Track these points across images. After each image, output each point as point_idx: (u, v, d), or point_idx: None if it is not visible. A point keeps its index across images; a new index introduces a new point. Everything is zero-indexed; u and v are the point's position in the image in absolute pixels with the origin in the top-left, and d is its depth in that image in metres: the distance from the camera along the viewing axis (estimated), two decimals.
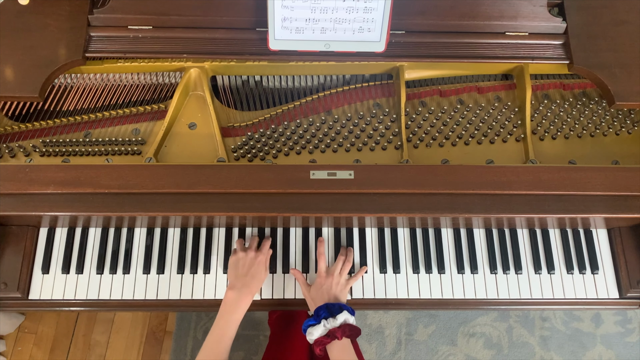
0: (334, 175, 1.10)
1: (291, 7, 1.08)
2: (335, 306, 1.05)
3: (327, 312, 1.04)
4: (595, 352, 2.02)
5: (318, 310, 1.05)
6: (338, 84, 1.31)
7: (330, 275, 1.13)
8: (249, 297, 1.09)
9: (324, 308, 1.05)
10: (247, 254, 1.13)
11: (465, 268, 1.21)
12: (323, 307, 1.05)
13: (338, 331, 1.01)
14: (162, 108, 1.23)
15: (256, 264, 1.12)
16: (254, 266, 1.11)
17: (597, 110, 1.28)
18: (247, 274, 1.10)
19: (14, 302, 1.17)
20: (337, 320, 1.02)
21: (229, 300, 1.07)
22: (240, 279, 1.10)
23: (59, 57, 1.13)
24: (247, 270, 1.11)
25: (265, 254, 1.15)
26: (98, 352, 1.98)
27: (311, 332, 1.03)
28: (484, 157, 1.21)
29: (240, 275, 1.10)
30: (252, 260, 1.12)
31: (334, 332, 1.01)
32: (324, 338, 1.01)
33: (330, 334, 1.01)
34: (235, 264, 1.13)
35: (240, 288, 1.09)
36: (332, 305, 1.05)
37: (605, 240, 1.25)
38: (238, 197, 1.09)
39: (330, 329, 1.01)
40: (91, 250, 1.21)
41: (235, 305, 1.07)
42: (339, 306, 1.05)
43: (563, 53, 1.20)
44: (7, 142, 1.20)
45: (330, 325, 1.02)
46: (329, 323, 1.02)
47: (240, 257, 1.13)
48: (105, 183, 1.07)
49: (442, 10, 1.17)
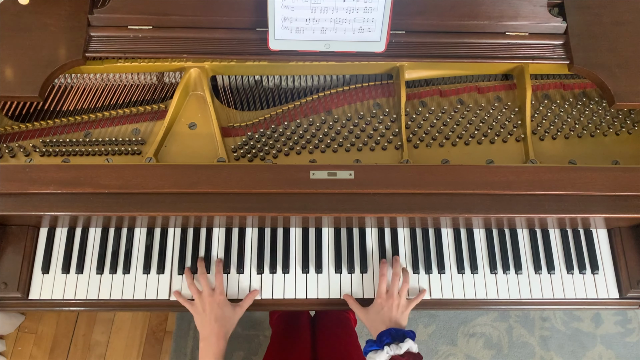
0: (334, 175, 1.10)
1: (291, 7, 1.08)
2: (399, 332, 1.03)
3: (390, 338, 1.02)
4: (595, 352, 2.02)
5: (381, 335, 1.03)
6: (338, 84, 1.31)
7: (391, 297, 1.10)
8: (220, 340, 1.07)
9: (387, 334, 1.03)
10: (204, 299, 1.11)
11: (465, 268, 1.21)
12: (386, 333, 1.03)
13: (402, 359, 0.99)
14: (162, 108, 1.23)
15: (215, 306, 1.10)
16: (213, 310, 1.09)
17: (597, 110, 1.28)
18: (211, 321, 1.09)
19: (14, 302, 1.17)
20: (402, 348, 1.00)
21: (202, 352, 1.07)
22: (206, 327, 1.09)
23: (59, 57, 1.13)
24: (209, 317, 1.09)
25: (223, 293, 1.13)
26: (98, 352, 1.98)
27: (373, 357, 1.01)
28: (484, 157, 1.21)
29: (205, 324, 1.09)
30: (211, 305, 1.10)
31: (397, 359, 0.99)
32: None
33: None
34: (197, 316, 1.11)
35: (208, 336, 1.07)
36: (395, 332, 1.03)
37: (605, 240, 1.25)
38: (238, 197, 1.09)
39: (393, 356, 0.99)
40: (91, 250, 1.21)
41: (208, 355, 1.06)
42: (403, 333, 1.03)
43: (563, 53, 1.20)
44: (7, 142, 1.20)
45: (393, 352, 0.99)
46: (392, 350, 1.00)
47: (198, 309, 1.11)
48: (105, 183, 1.07)
49: (442, 10, 1.17)
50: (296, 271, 1.21)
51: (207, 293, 1.12)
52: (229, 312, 1.11)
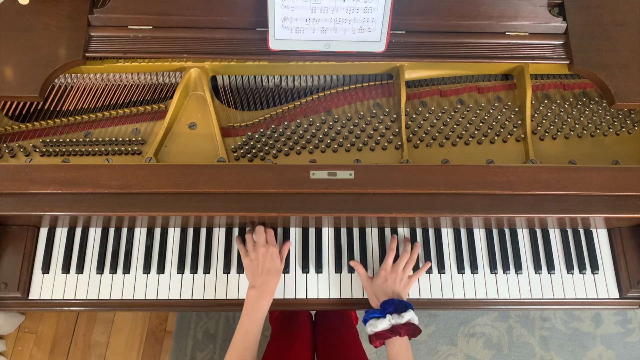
0: (334, 175, 1.10)
1: (291, 7, 1.08)
2: (402, 303, 1.06)
3: (393, 307, 1.05)
4: (595, 352, 2.02)
5: (385, 304, 1.06)
6: (338, 84, 1.31)
7: (395, 271, 1.13)
8: (270, 294, 1.10)
9: (391, 303, 1.06)
10: (259, 251, 1.13)
11: (465, 268, 1.21)
12: (390, 302, 1.06)
13: (402, 328, 1.02)
14: (162, 108, 1.23)
15: (269, 258, 1.12)
16: (267, 261, 1.12)
17: (597, 110, 1.28)
18: (264, 271, 1.11)
19: (14, 302, 1.16)
20: (404, 317, 1.03)
21: (251, 299, 1.08)
22: (257, 278, 1.10)
23: (59, 57, 1.13)
24: (262, 268, 1.11)
25: (276, 245, 1.15)
26: (98, 352, 1.98)
27: (374, 324, 1.04)
28: (484, 157, 1.21)
29: (257, 274, 1.11)
30: (264, 256, 1.12)
31: (398, 328, 1.02)
32: (387, 332, 1.02)
33: (394, 329, 1.02)
34: (249, 265, 1.13)
35: (260, 286, 1.09)
36: (398, 302, 1.06)
37: (605, 240, 1.25)
38: (238, 197, 1.09)
39: (394, 325, 1.02)
40: (91, 250, 1.21)
41: (257, 303, 1.08)
42: (405, 304, 1.06)
43: (563, 53, 1.20)
44: (7, 142, 1.20)
45: (395, 321, 1.03)
46: (394, 319, 1.03)
47: (252, 257, 1.13)
48: (105, 183, 1.07)
49: (442, 10, 1.17)
50: (296, 271, 1.21)
51: (262, 243, 1.14)
52: (279, 265, 1.14)
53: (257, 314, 1.07)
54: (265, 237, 1.15)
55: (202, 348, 1.97)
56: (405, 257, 1.16)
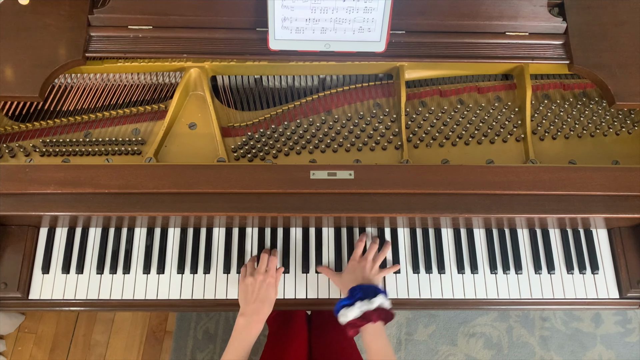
0: (334, 175, 1.10)
1: (291, 7, 1.08)
2: (371, 288, 1.02)
3: (362, 293, 1.01)
4: (595, 352, 2.02)
5: (353, 290, 1.02)
6: (338, 84, 1.31)
7: (364, 259, 1.12)
8: (259, 323, 1.07)
9: (359, 289, 1.02)
10: (256, 279, 1.11)
11: (465, 268, 1.21)
12: (357, 288, 1.02)
13: (373, 314, 0.98)
14: (162, 108, 1.23)
15: (265, 287, 1.10)
16: (262, 290, 1.09)
17: (597, 110, 1.28)
18: (257, 300, 1.08)
19: (14, 302, 1.17)
20: (373, 303, 0.99)
21: (239, 327, 1.06)
22: (250, 306, 1.08)
23: (59, 57, 1.13)
24: (256, 296, 1.09)
25: (274, 276, 1.13)
26: (98, 352, 1.98)
27: (345, 313, 1.00)
28: (484, 157, 1.21)
29: (250, 301, 1.09)
30: (261, 284, 1.10)
31: (369, 315, 0.98)
32: (358, 321, 0.99)
33: (365, 316, 0.98)
34: (244, 290, 1.11)
35: (251, 315, 1.07)
36: (367, 287, 1.02)
37: (605, 240, 1.25)
38: (238, 197, 1.09)
39: (365, 311, 0.98)
40: (91, 250, 1.21)
41: (245, 332, 1.06)
42: (374, 289, 1.03)
43: (563, 53, 1.20)
44: (7, 142, 1.20)
45: (365, 307, 0.99)
46: (364, 305, 0.99)
47: (249, 282, 1.11)
48: (105, 183, 1.07)
49: (442, 10, 1.17)
50: (296, 271, 1.21)
51: (262, 271, 1.12)
52: (272, 296, 1.11)
53: (244, 343, 1.05)
54: (266, 265, 1.14)
55: (202, 348, 1.97)
56: (374, 248, 1.16)
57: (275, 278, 1.13)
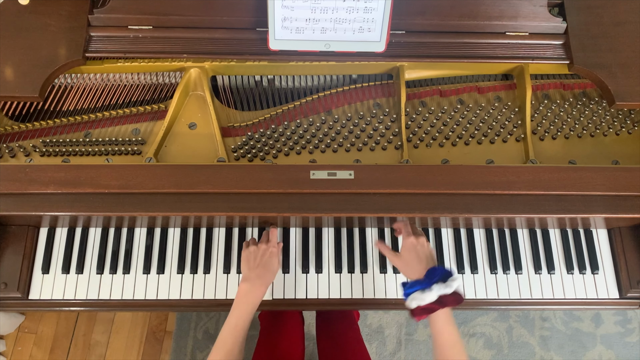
0: (334, 175, 1.10)
1: (291, 7, 1.08)
2: (447, 272, 0.97)
3: (439, 276, 0.95)
4: (595, 352, 2.02)
5: (432, 272, 0.97)
6: (338, 84, 1.31)
7: (421, 236, 1.06)
8: (262, 288, 1.08)
9: (438, 272, 0.96)
10: (259, 247, 1.12)
11: (465, 268, 1.21)
12: (436, 270, 0.97)
13: (450, 298, 0.93)
14: (162, 108, 1.23)
15: (268, 255, 1.11)
16: (265, 256, 1.11)
17: (597, 110, 1.28)
18: (259, 265, 1.09)
19: (14, 302, 1.17)
20: (451, 286, 0.93)
21: (242, 292, 1.06)
22: (253, 271, 1.09)
23: (59, 57, 1.13)
24: (259, 262, 1.10)
25: (276, 246, 1.14)
26: (98, 352, 1.98)
27: (420, 297, 0.94)
28: (484, 157, 1.21)
29: (253, 267, 1.10)
30: (263, 252, 1.11)
31: (446, 299, 0.93)
32: (434, 305, 0.93)
33: (442, 300, 0.93)
34: (247, 256, 1.12)
35: (254, 279, 1.08)
36: (443, 270, 0.97)
37: (605, 240, 1.25)
38: (238, 197, 1.09)
39: (442, 295, 0.93)
40: (91, 250, 1.21)
41: (248, 297, 1.06)
42: (450, 272, 0.97)
43: (563, 53, 1.20)
44: (7, 142, 1.20)
45: (442, 291, 0.93)
46: (442, 289, 0.93)
47: (251, 250, 1.12)
48: (105, 183, 1.07)
49: (442, 10, 1.17)
50: (296, 271, 1.21)
51: (264, 240, 1.14)
52: (276, 265, 1.12)
53: (247, 307, 1.04)
54: (267, 236, 1.15)
55: (202, 348, 1.97)
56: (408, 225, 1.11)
57: (278, 249, 1.14)
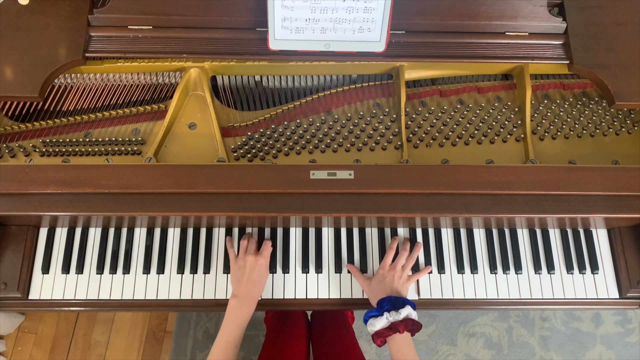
0: (334, 175, 1.10)
1: (291, 7, 1.08)
2: (399, 300, 1.06)
3: (390, 305, 1.04)
4: (595, 352, 2.02)
5: (381, 302, 1.06)
6: (338, 84, 1.31)
7: (393, 269, 1.13)
8: (252, 304, 1.10)
9: (387, 301, 1.05)
10: (247, 260, 1.12)
11: (465, 268, 1.21)
12: (386, 300, 1.06)
13: (400, 325, 1.01)
14: (162, 108, 1.23)
15: (257, 269, 1.12)
16: (254, 271, 1.11)
17: (597, 110, 1.28)
18: (249, 281, 1.10)
19: (14, 302, 1.17)
20: (401, 314, 1.02)
21: (233, 308, 1.08)
22: (242, 287, 1.10)
23: (59, 57, 1.13)
24: (247, 277, 1.11)
25: (266, 257, 1.15)
26: (98, 352, 1.98)
27: (373, 323, 1.04)
28: (484, 157, 1.21)
29: (242, 282, 1.10)
30: (252, 266, 1.12)
31: (396, 325, 1.02)
32: (386, 330, 1.02)
33: (393, 326, 1.02)
34: (236, 271, 1.13)
35: (243, 296, 1.09)
36: (395, 299, 1.06)
37: (605, 240, 1.25)
38: (238, 197, 1.09)
39: (392, 322, 1.02)
40: (91, 250, 1.21)
41: (238, 313, 1.08)
42: (402, 300, 1.06)
43: (563, 53, 1.20)
44: (7, 142, 1.20)
45: (392, 318, 1.02)
46: (392, 316, 1.03)
47: (241, 265, 1.12)
48: (105, 183, 1.07)
49: (442, 10, 1.17)
50: (296, 271, 1.21)
51: (252, 252, 1.14)
52: (264, 280, 1.13)
53: (237, 323, 1.07)
54: (256, 246, 1.16)
55: (202, 348, 1.97)
56: (404, 255, 1.16)
57: (266, 259, 1.15)
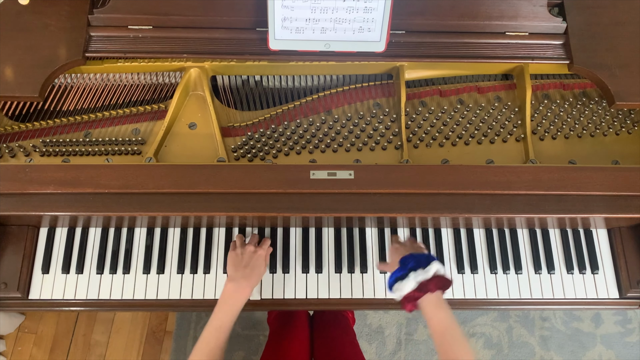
0: (334, 175, 1.10)
1: (291, 7, 1.08)
2: (423, 256, 0.96)
3: (414, 262, 0.94)
4: (595, 352, 2.02)
5: (404, 260, 0.95)
6: (338, 84, 1.31)
7: (408, 240, 1.10)
8: (248, 289, 1.07)
9: (410, 258, 0.95)
10: (246, 248, 1.12)
11: (465, 268, 1.21)
12: (409, 257, 0.96)
13: (431, 283, 0.91)
14: (162, 108, 1.23)
15: (255, 257, 1.11)
16: (253, 259, 1.11)
17: (597, 110, 1.28)
18: (247, 266, 1.09)
19: (14, 302, 1.17)
20: (429, 271, 0.92)
21: (228, 292, 1.06)
22: (239, 271, 1.09)
23: (59, 57, 1.13)
24: (246, 262, 1.10)
25: (265, 250, 1.14)
26: (98, 352, 1.98)
27: (399, 287, 0.93)
28: (484, 157, 1.21)
29: (240, 267, 1.09)
30: (251, 254, 1.11)
31: (426, 284, 0.91)
32: (415, 292, 0.92)
33: (422, 287, 0.91)
34: (234, 257, 1.12)
35: (239, 280, 1.07)
36: (419, 256, 0.96)
37: (605, 240, 1.25)
38: (238, 197, 1.09)
39: (421, 282, 0.92)
40: (91, 250, 1.21)
41: (233, 297, 1.05)
42: (427, 256, 0.96)
43: (563, 53, 1.20)
44: (7, 142, 1.20)
45: (421, 277, 0.92)
46: (419, 275, 0.92)
47: (239, 252, 1.12)
48: (105, 183, 1.07)
49: (442, 10, 1.17)
50: (296, 271, 1.21)
51: (252, 244, 1.14)
52: (262, 267, 1.11)
53: (232, 308, 1.03)
54: (256, 241, 1.15)
55: None
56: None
57: (266, 252, 1.14)
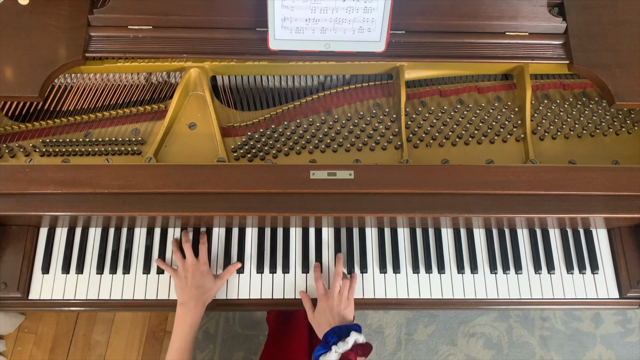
0: (334, 175, 1.10)
1: (291, 7, 1.08)
2: (343, 329, 1.04)
3: (335, 337, 1.03)
4: (595, 352, 2.02)
5: (326, 336, 1.04)
6: (338, 84, 1.31)
7: (331, 297, 1.11)
8: (199, 307, 1.10)
9: (331, 333, 1.04)
10: (186, 269, 1.13)
11: (465, 268, 1.21)
12: (330, 333, 1.04)
13: (351, 354, 1.00)
14: (162, 108, 1.23)
15: (199, 274, 1.12)
16: (196, 276, 1.12)
17: (597, 110, 1.28)
18: (192, 286, 1.11)
19: (14, 302, 1.17)
20: (348, 343, 1.01)
21: (179, 317, 1.09)
22: (186, 293, 1.11)
23: (59, 57, 1.13)
24: (190, 283, 1.12)
25: (205, 262, 1.15)
26: (98, 352, 1.98)
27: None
28: (484, 157, 1.21)
29: (186, 289, 1.11)
30: (193, 273, 1.12)
31: (347, 355, 1.00)
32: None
33: (344, 358, 1.00)
34: (178, 282, 1.14)
35: (187, 302, 1.10)
36: (339, 329, 1.04)
37: (605, 240, 1.25)
38: (238, 197, 1.09)
39: (342, 353, 1.00)
40: (91, 250, 1.21)
41: (185, 320, 1.09)
42: (346, 328, 1.04)
43: (563, 53, 1.20)
44: (7, 142, 1.20)
45: (341, 349, 1.00)
46: (340, 347, 1.01)
47: (181, 276, 1.13)
48: (105, 183, 1.08)
49: (442, 10, 1.17)
50: (296, 271, 1.21)
51: (191, 261, 1.14)
52: (209, 283, 1.13)
53: (186, 330, 1.08)
54: (192, 253, 1.16)
55: (202, 348, 1.96)
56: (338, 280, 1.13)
57: (206, 263, 1.15)
